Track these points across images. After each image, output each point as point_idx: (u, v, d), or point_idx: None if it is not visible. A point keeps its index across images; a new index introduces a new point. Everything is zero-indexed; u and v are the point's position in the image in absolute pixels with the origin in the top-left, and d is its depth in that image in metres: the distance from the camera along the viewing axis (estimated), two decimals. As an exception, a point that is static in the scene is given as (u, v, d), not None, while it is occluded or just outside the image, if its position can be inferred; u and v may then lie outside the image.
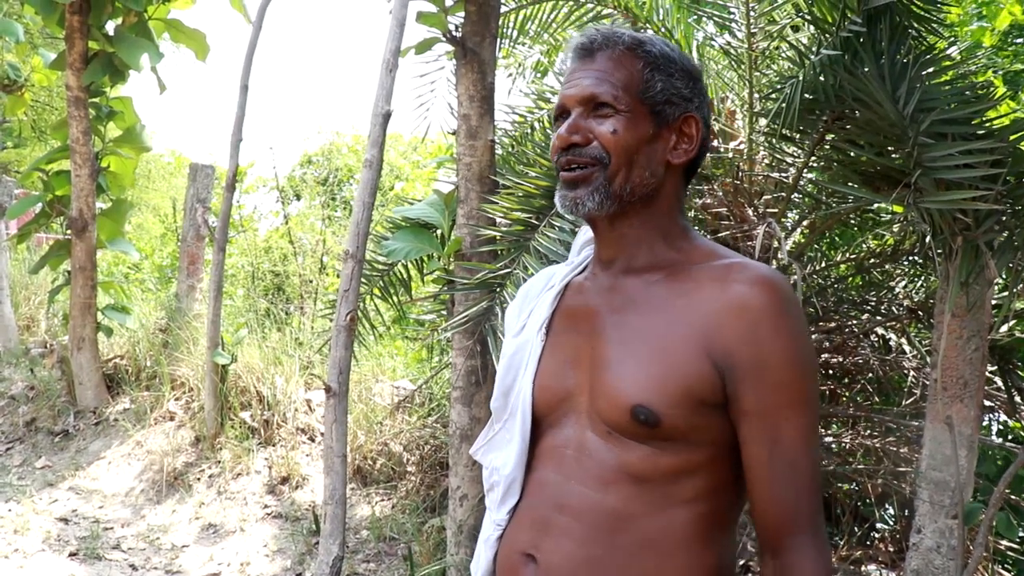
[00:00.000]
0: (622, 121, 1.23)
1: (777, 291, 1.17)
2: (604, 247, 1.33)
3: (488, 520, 1.40)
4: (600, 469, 1.22)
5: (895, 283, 4.09)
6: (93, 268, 5.86)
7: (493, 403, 1.41)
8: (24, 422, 5.83)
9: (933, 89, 2.67)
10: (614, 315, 1.27)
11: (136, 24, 5.68)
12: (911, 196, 2.52)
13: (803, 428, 1.16)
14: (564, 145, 1.26)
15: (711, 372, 1.17)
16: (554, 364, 1.32)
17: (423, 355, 5.77)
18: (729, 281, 1.19)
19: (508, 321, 1.49)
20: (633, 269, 1.29)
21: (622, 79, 1.24)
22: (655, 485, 1.19)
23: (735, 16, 3.76)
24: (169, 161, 16.31)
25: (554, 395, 1.30)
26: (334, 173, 10.88)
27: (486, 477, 1.41)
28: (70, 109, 5.66)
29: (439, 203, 3.71)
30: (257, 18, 4.97)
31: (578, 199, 1.25)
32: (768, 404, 1.15)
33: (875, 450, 3.97)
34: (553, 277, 1.44)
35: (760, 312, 1.15)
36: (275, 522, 4.61)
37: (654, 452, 1.19)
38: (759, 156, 3.70)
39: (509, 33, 4.30)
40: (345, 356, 3.04)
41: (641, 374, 1.20)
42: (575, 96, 1.26)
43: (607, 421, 1.22)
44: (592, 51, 1.27)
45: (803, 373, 1.16)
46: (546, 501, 1.27)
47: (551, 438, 1.31)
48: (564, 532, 1.23)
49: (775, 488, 1.16)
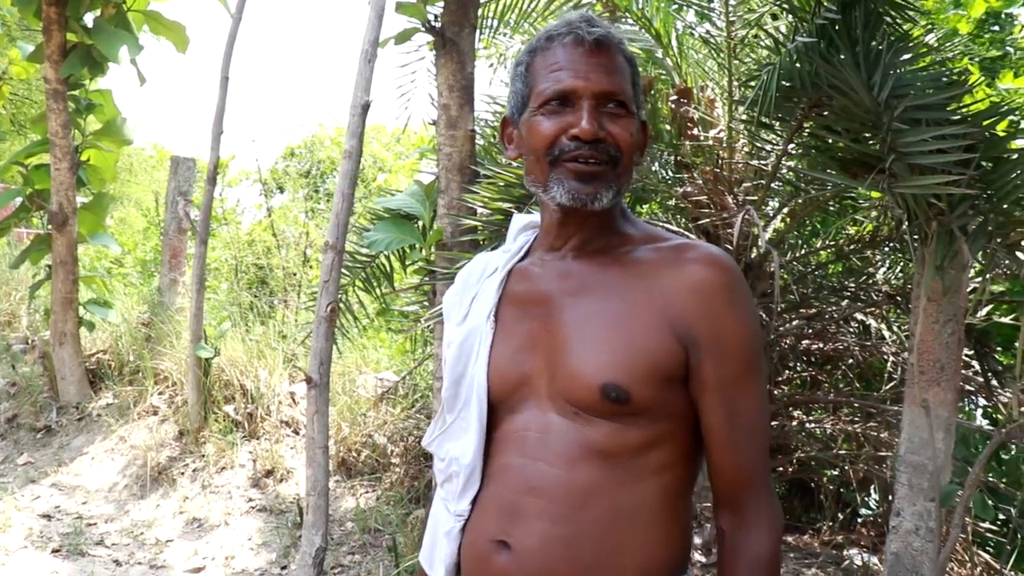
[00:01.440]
0: (633, 124, 1.27)
1: (728, 270, 1.24)
2: (560, 236, 1.34)
3: (444, 512, 1.39)
4: (566, 448, 1.25)
5: (874, 269, 4.12)
6: (74, 262, 5.83)
7: (444, 392, 1.41)
8: (6, 418, 5.79)
9: (908, 76, 2.69)
10: (570, 298, 1.30)
11: (115, 16, 5.63)
12: (886, 181, 2.55)
13: (757, 395, 1.25)
14: (592, 138, 1.24)
15: (675, 347, 1.22)
16: (507, 350, 1.33)
17: (407, 346, 5.77)
18: (683, 261, 1.25)
19: (448, 309, 1.49)
20: (584, 253, 1.32)
21: (628, 80, 1.28)
22: (622, 460, 1.23)
23: (714, 4, 3.78)
24: (151, 154, 16.22)
25: (510, 381, 1.32)
26: (317, 165, 10.85)
27: (441, 468, 1.41)
28: (49, 102, 5.61)
29: (420, 194, 3.70)
30: (237, 9, 4.94)
31: (597, 194, 1.25)
32: (726, 374, 1.23)
33: (856, 435, 4.00)
34: (490, 263, 1.45)
35: (715, 289, 1.23)
36: (260, 515, 4.60)
37: (621, 428, 1.23)
38: (739, 144, 3.72)
39: (489, 23, 4.30)
40: (326, 347, 3.04)
41: (607, 354, 1.23)
42: (591, 88, 1.25)
43: (573, 401, 1.25)
44: (601, 44, 1.27)
45: (755, 344, 1.25)
46: (513, 486, 1.28)
47: (510, 423, 1.32)
48: (536, 514, 1.24)
49: (735, 452, 1.25)
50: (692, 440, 1.27)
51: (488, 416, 1.35)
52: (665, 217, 3.95)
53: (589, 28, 1.27)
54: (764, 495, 1.25)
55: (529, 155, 1.32)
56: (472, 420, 1.35)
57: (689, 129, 3.74)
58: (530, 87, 1.31)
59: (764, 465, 1.26)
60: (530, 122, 1.30)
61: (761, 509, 1.25)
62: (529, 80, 1.31)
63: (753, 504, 1.25)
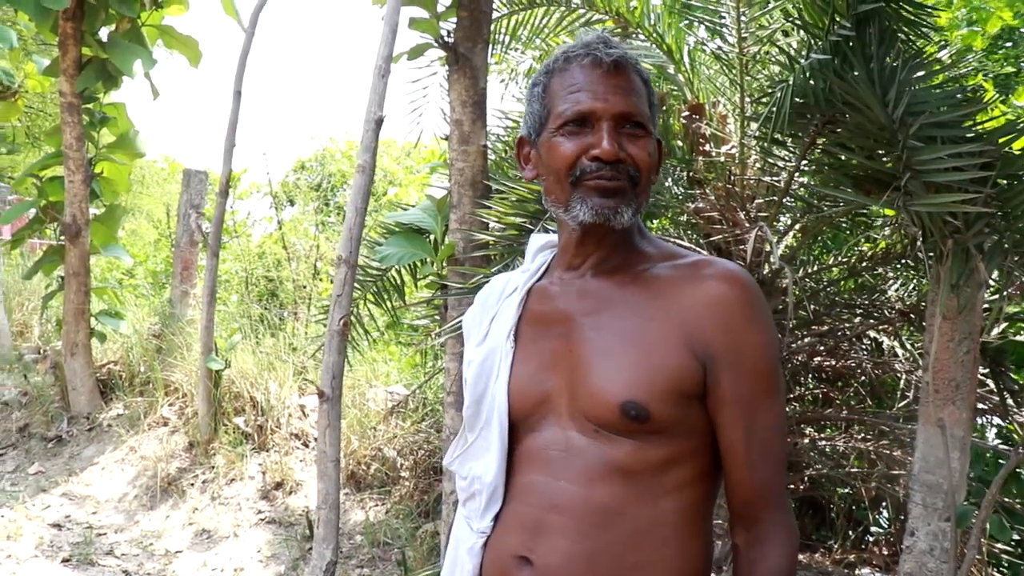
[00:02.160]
0: (652, 144, 1.30)
1: (746, 285, 1.25)
2: (578, 254, 1.35)
3: (466, 529, 1.40)
4: (588, 466, 1.26)
5: (887, 286, 4.10)
6: (87, 274, 5.85)
7: (465, 412, 1.43)
8: (17, 428, 5.81)
9: (922, 93, 2.68)
10: (589, 317, 1.31)
11: (129, 30, 5.68)
12: (901, 199, 2.53)
13: (775, 412, 1.25)
14: (613, 159, 1.25)
15: (693, 365, 1.23)
16: (528, 369, 1.35)
17: (417, 360, 5.77)
18: (701, 278, 1.25)
19: (468, 330, 1.50)
20: (602, 271, 1.33)
21: (645, 101, 1.30)
22: (643, 477, 1.24)
23: (726, 21, 3.78)
24: (163, 167, 16.29)
25: (531, 399, 1.33)
26: (327, 179, 10.88)
27: (464, 487, 1.43)
28: (64, 115, 5.66)
29: (432, 208, 3.71)
30: (250, 24, 4.98)
31: (618, 209, 1.27)
32: (745, 391, 1.23)
33: (868, 453, 3.97)
34: (509, 283, 1.46)
35: (733, 305, 1.23)
36: (269, 528, 4.60)
37: (641, 446, 1.24)
38: (751, 160, 3.71)
39: (501, 39, 4.31)
40: (338, 361, 3.04)
41: (627, 372, 1.24)
42: (610, 110, 1.26)
43: (594, 419, 1.26)
44: (620, 66, 1.28)
45: (773, 361, 1.25)
46: (535, 503, 1.29)
47: (532, 441, 1.33)
48: (558, 531, 1.25)
49: (752, 469, 1.24)
50: (712, 457, 1.27)
51: (509, 434, 1.36)
52: (676, 233, 3.94)
53: (607, 50, 1.28)
54: (781, 512, 1.25)
55: (549, 176, 1.32)
56: (493, 439, 1.36)
57: (701, 145, 3.74)
58: (548, 108, 1.32)
59: (781, 482, 1.26)
60: (550, 143, 1.31)
61: (777, 526, 1.24)
62: (547, 101, 1.32)
63: (769, 521, 1.24)
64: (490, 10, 3.55)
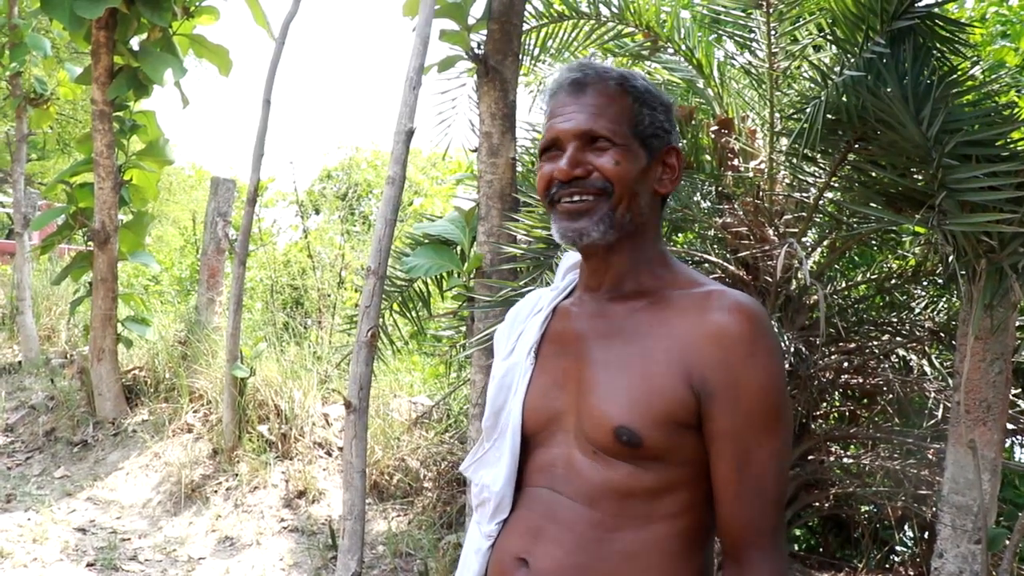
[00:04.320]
0: (621, 153, 1.28)
1: (752, 319, 1.22)
2: (593, 275, 1.38)
3: (477, 533, 1.44)
4: (587, 485, 1.28)
5: (916, 304, 4.07)
6: (114, 280, 5.91)
7: (484, 422, 1.46)
8: (44, 432, 5.87)
9: (957, 110, 2.66)
10: (600, 340, 1.33)
11: (161, 39, 5.75)
12: (935, 218, 2.51)
13: (771, 451, 1.22)
14: (567, 178, 1.29)
15: (688, 396, 1.22)
16: (543, 386, 1.37)
17: (440, 371, 5.77)
18: (708, 309, 1.24)
19: (498, 344, 1.54)
20: (619, 296, 1.34)
21: (615, 113, 1.30)
22: (639, 501, 1.25)
23: (756, 36, 3.77)
24: (190, 174, 16.45)
25: (543, 416, 1.36)
26: (353, 188, 10.94)
27: (475, 493, 1.46)
28: (94, 123, 5.72)
29: (460, 220, 3.72)
30: (280, 34, 5.02)
31: (582, 230, 1.29)
32: (739, 427, 1.21)
33: (895, 472, 3.93)
34: (540, 301, 1.49)
35: (735, 339, 1.21)
36: (291, 536, 4.61)
37: (637, 470, 1.25)
38: (780, 175, 3.70)
39: (531, 51, 4.32)
40: (366, 372, 3.04)
41: (624, 397, 1.25)
42: (571, 130, 1.29)
43: (592, 441, 1.28)
44: (584, 85, 1.31)
45: (774, 399, 1.22)
46: (539, 511, 1.33)
47: (541, 456, 1.36)
48: (555, 540, 1.29)
49: (741, 506, 1.23)
50: (709, 487, 1.26)
51: (523, 447, 1.39)
52: (704, 248, 3.92)
53: (571, 73, 1.33)
54: (768, 553, 1.22)
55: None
56: (505, 450, 1.40)
57: (730, 160, 3.72)
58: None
59: (772, 522, 1.23)
60: (538, 171, 1.36)
61: (762, 567, 1.22)
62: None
63: (754, 561, 1.22)
64: (520, 23, 3.56)
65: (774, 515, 1.23)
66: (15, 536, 4.41)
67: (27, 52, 6.61)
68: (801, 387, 3.68)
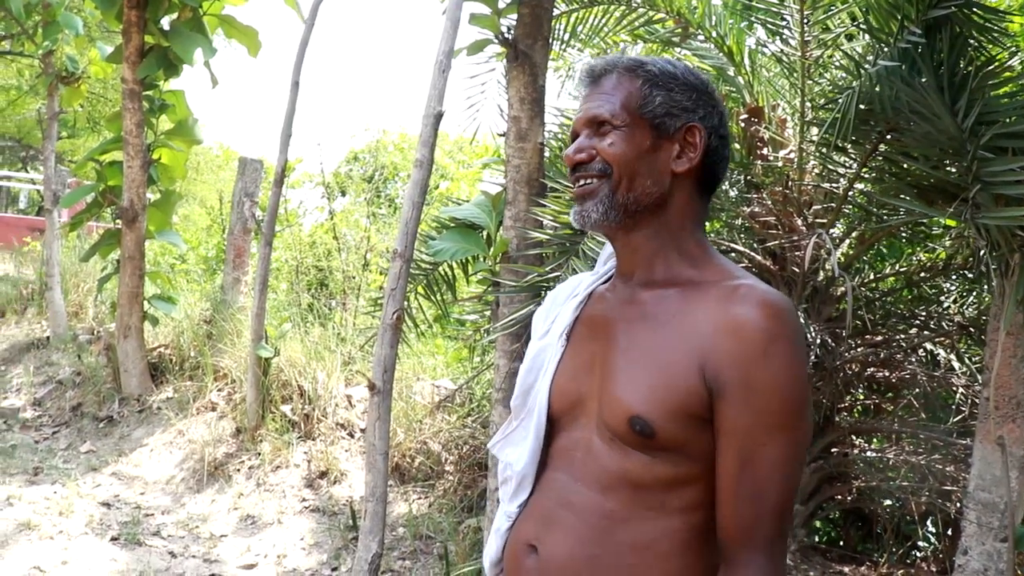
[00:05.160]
0: (620, 135, 1.30)
1: (775, 316, 1.19)
2: (622, 260, 1.39)
3: (500, 512, 1.46)
4: (602, 472, 1.28)
5: (945, 298, 4.02)
6: (141, 258, 5.97)
7: (513, 401, 1.48)
8: (71, 407, 5.95)
9: (994, 102, 2.62)
10: (627, 326, 1.33)
11: (191, 19, 5.78)
12: (968, 211, 2.48)
13: (778, 456, 1.18)
14: (571, 164, 1.35)
15: (701, 389, 1.21)
16: (571, 368, 1.39)
17: (464, 355, 5.78)
18: (731, 302, 1.22)
19: (535, 324, 1.55)
20: (651, 283, 1.34)
21: (621, 97, 1.32)
22: (651, 492, 1.25)
23: (788, 23, 3.72)
24: (217, 154, 16.54)
25: (568, 398, 1.37)
26: (380, 170, 10.95)
27: (500, 470, 1.49)
28: (124, 101, 5.77)
29: (486, 204, 3.71)
30: (310, 16, 5.02)
31: (584, 212, 1.33)
32: (747, 426, 1.18)
33: (919, 467, 3.90)
34: (579, 285, 1.50)
35: (753, 335, 1.18)
36: (312, 516, 4.64)
37: (651, 461, 1.24)
38: (809, 165, 3.66)
39: (560, 36, 4.29)
40: (390, 354, 3.05)
41: (641, 386, 1.25)
42: (582, 119, 1.35)
43: (610, 428, 1.28)
44: (597, 76, 1.36)
45: (789, 401, 1.18)
46: (553, 497, 1.34)
47: (563, 439, 1.38)
48: (566, 528, 1.30)
49: (739, 505, 1.20)
50: None
51: (548, 429, 1.40)
52: (731, 237, 3.90)
53: (592, 66, 1.38)
54: (761, 558, 1.19)
55: None
56: (531, 430, 1.42)
57: (759, 149, 3.69)
58: None
59: (769, 528, 1.19)
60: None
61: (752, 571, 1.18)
62: None
63: (746, 564, 1.19)
64: (551, 7, 3.54)
65: (773, 523, 1.19)
66: (42, 508, 4.47)
67: (59, 31, 6.66)
68: (826, 379, 3.65)
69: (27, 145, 18.93)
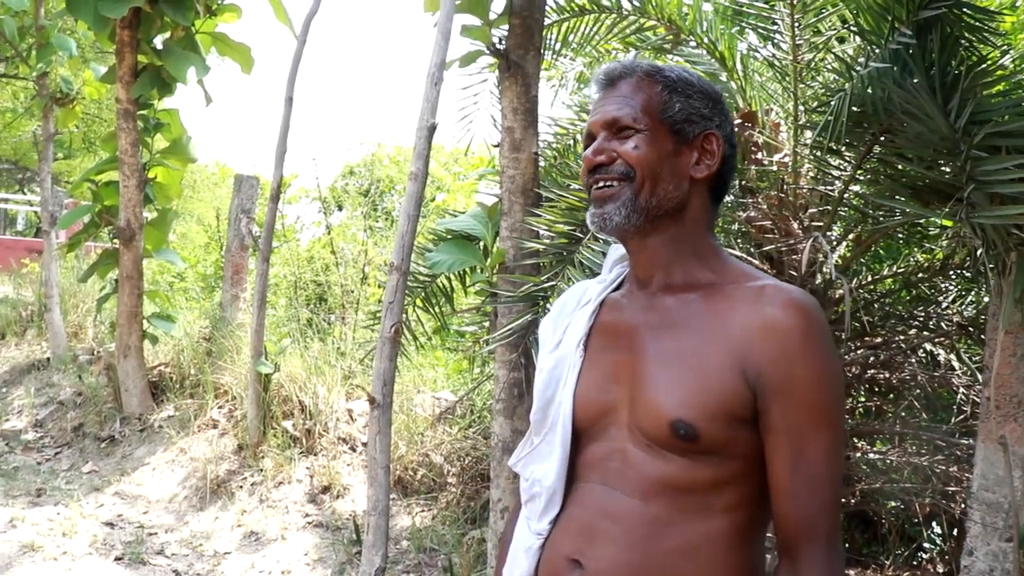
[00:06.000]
0: (643, 138, 1.31)
1: (808, 315, 1.22)
2: (638, 265, 1.39)
3: (526, 530, 1.43)
4: (642, 479, 1.27)
5: (944, 298, 4.02)
6: (140, 277, 5.96)
7: (532, 416, 1.45)
8: (72, 427, 5.94)
9: (986, 101, 2.62)
10: (653, 333, 1.32)
11: (184, 38, 5.79)
12: (963, 211, 2.48)
13: (826, 447, 1.22)
14: (590, 167, 1.34)
15: (744, 389, 1.22)
16: (594, 379, 1.37)
17: (464, 366, 5.78)
18: (763, 303, 1.24)
19: (543, 336, 1.53)
20: (670, 287, 1.34)
21: (641, 102, 1.32)
22: (694, 495, 1.25)
23: (779, 27, 3.73)
24: (213, 172, 16.55)
25: (595, 409, 1.35)
26: (376, 184, 10.96)
27: (525, 488, 1.45)
28: (119, 121, 5.77)
29: (482, 215, 3.71)
30: (302, 31, 5.03)
31: (605, 215, 1.32)
32: (794, 422, 1.21)
33: (922, 468, 3.89)
34: (586, 293, 1.49)
35: (790, 334, 1.21)
36: (316, 531, 4.63)
37: (692, 464, 1.24)
38: (804, 169, 3.66)
39: (552, 45, 4.30)
40: (389, 368, 3.05)
41: (680, 390, 1.25)
42: (599, 121, 1.34)
43: (647, 434, 1.28)
44: (614, 80, 1.36)
45: (829, 395, 1.22)
46: (591, 509, 1.32)
47: (593, 450, 1.36)
48: (609, 538, 1.28)
49: (796, 501, 1.22)
50: (765, 482, 1.26)
51: (573, 442, 1.38)
52: (727, 242, 3.89)
53: (604, 69, 1.38)
54: (823, 551, 1.21)
55: None
56: (556, 444, 1.39)
57: (753, 153, 3.69)
58: None
59: (827, 520, 1.22)
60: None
61: (815, 566, 1.21)
62: None
63: (808, 559, 1.21)
64: (542, 17, 3.55)
65: (830, 513, 1.22)
66: (45, 530, 4.46)
67: (53, 52, 6.68)
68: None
69: (24, 167, 18.95)
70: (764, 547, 1.32)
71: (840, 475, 1.25)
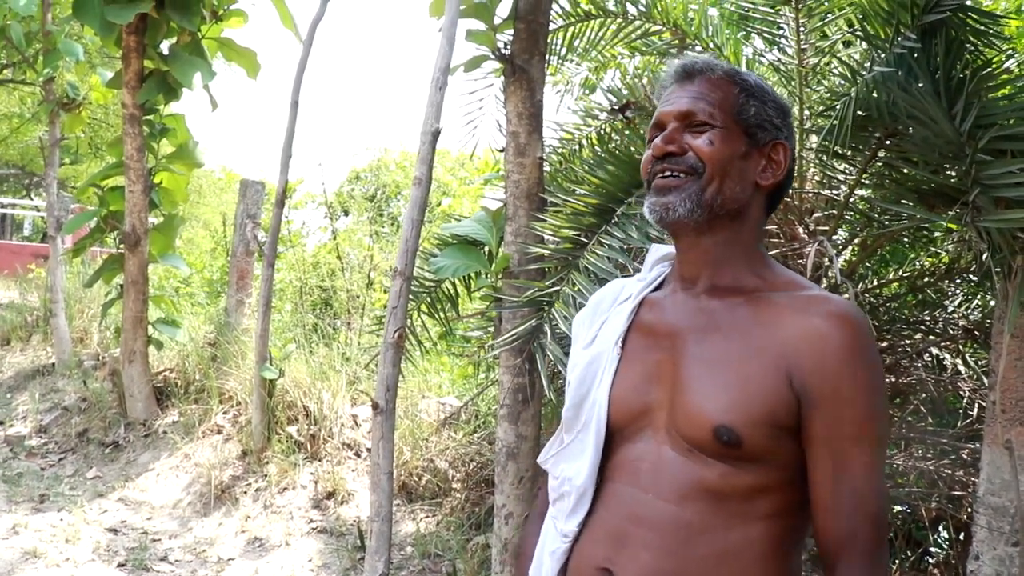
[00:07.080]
0: (717, 135, 1.30)
1: (855, 327, 1.22)
2: (687, 264, 1.37)
3: (553, 531, 1.41)
4: (677, 484, 1.26)
5: (949, 302, 4.00)
6: (145, 282, 5.97)
7: (565, 413, 1.43)
8: (76, 433, 5.94)
9: (991, 105, 2.61)
10: (697, 335, 1.31)
11: (190, 43, 5.80)
12: (969, 215, 2.47)
13: (869, 462, 1.21)
14: (660, 154, 1.32)
15: (789, 398, 1.21)
16: (632, 378, 1.35)
17: (469, 371, 5.77)
18: (810, 313, 1.23)
19: (577, 331, 1.51)
20: (716, 290, 1.33)
21: (718, 99, 1.32)
22: (732, 501, 1.23)
23: (785, 32, 3.73)
24: (219, 177, 16.59)
25: (632, 409, 1.34)
26: (382, 189, 10.98)
27: (554, 487, 1.43)
28: (125, 126, 5.79)
29: (487, 220, 3.71)
30: (308, 36, 5.04)
31: (669, 205, 1.30)
32: (838, 435, 1.20)
33: (929, 473, 3.87)
34: (624, 290, 1.47)
35: (837, 346, 1.20)
36: (320, 537, 4.63)
37: (732, 470, 1.23)
38: (809, 173, 3.66)
39: (557, 50, 4.30)
40: (393, 373, 3.04)
41: (724, 396, 1.24)
42: (672, 112, 1.34)
43: (688, 438, 1.26)
44: (692, 74, 1.35)
45: (873, 408, 1.21)
46: (621, 513, 1.30)
47: (626, 451, 1.34)
48: (641, 544, 1.26)
49: (836, 514, 1.21)
50: (804, 491, 1.25)
51: (606, 442, 1.37)
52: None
53: (682, 63, 1.36)
54: (865, 565, 1.19)
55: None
56: (589, 443, 1.37)
57: (759, 157, 3.69)
58: None
59: (870, 534, 1.20)
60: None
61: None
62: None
63: (848, 572, 1.20)
64: (547, 22, 3.55)
65: (872, 528, 1.20)
66: (48, 536, 4.46)
67: (60, 58, 6.70)
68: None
69: (30, 172, 19.03)
70: (801, 557, 1.31)
71: (884, 489, 1.23)
